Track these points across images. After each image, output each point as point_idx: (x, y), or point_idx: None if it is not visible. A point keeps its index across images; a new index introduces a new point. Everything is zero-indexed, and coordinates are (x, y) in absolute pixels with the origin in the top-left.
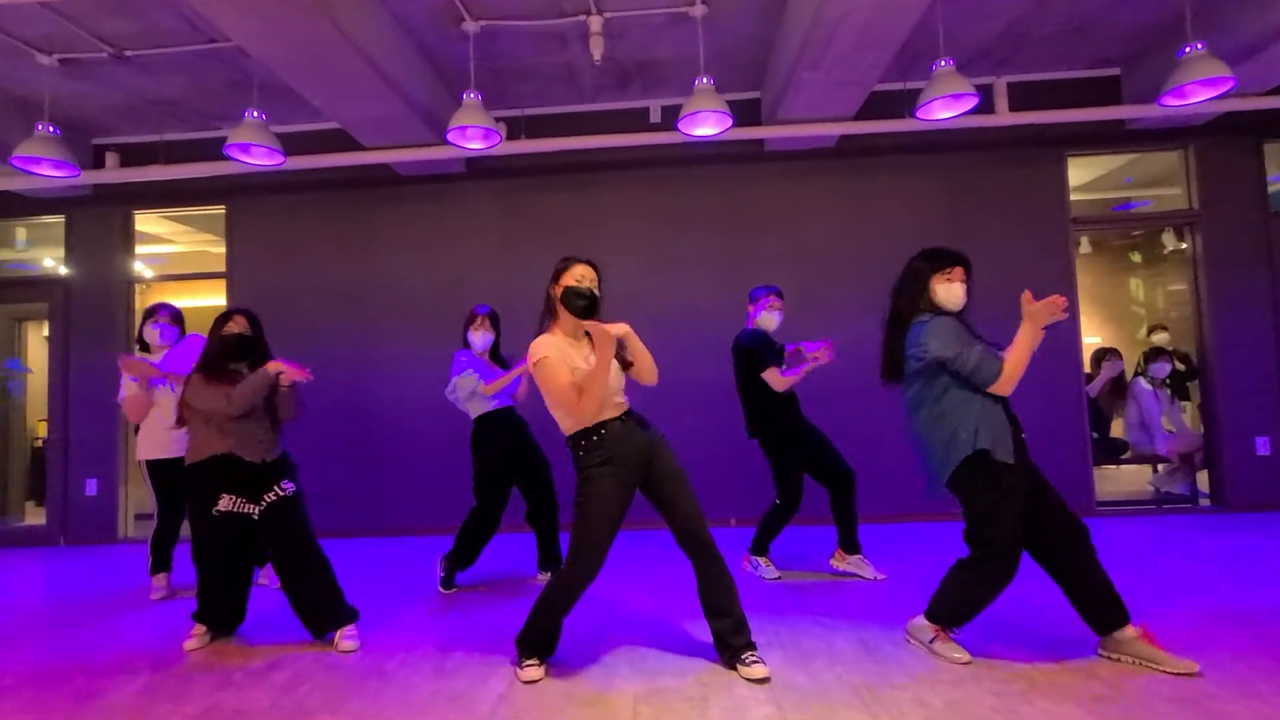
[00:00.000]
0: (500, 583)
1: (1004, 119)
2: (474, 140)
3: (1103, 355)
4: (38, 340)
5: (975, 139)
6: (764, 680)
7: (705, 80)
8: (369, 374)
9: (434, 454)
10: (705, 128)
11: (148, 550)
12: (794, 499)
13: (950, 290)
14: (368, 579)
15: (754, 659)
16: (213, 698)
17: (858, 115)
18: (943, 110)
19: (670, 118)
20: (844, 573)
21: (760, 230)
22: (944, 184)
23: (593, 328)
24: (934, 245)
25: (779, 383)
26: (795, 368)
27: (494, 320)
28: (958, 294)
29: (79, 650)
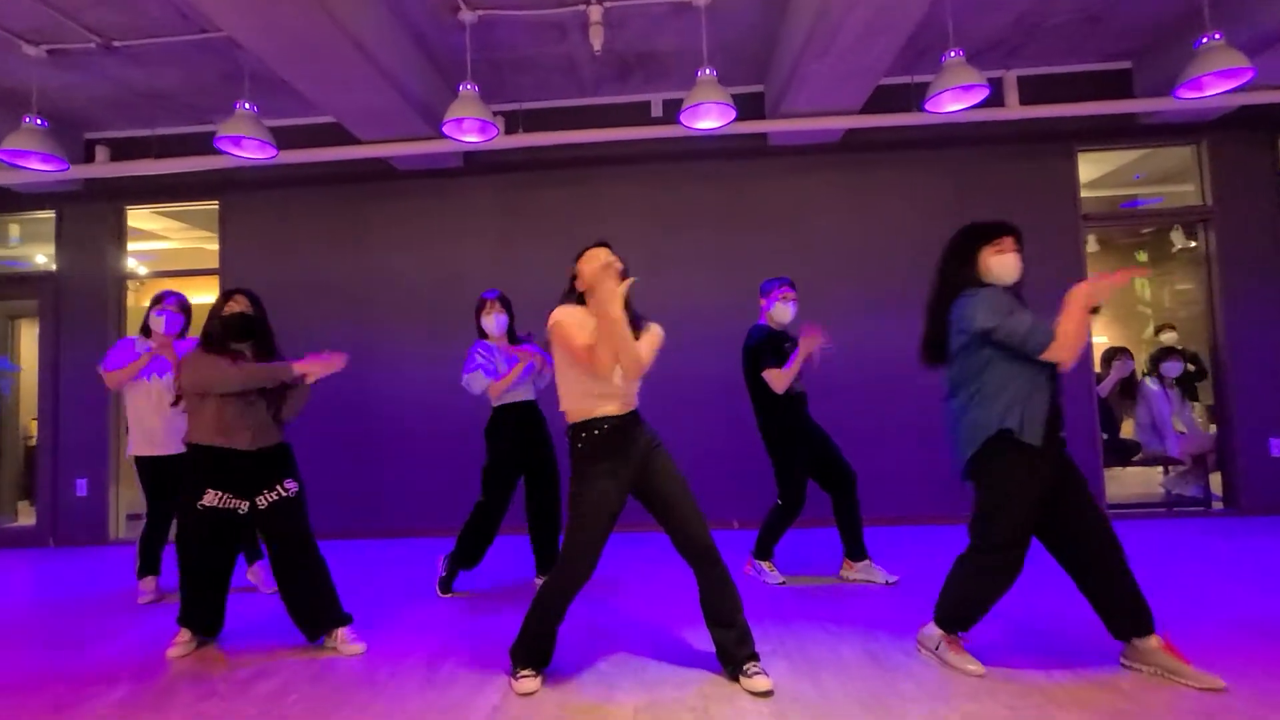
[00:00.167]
0: (497, 587)
1: (1014, 112)
2: (471, 133)
3: (1113, 355)
4: (32, 338)
5: (983, 134)
6: (768, 693)
7: (708, 71)
8: (365, 373)
9: (432, 454)
10: (708, 120)
11: (136, 552)
12: (797, 500)
13: (1003, 262)
14: (361, 582)
15: (757, 670)
16: (196, 708)
17: (863, 110)
18: (952, 102)
19: (672, 112)
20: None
21: (763, 227)
22: (951, 180)
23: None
24: (983, 220)
25: (777, 382)
26: (787, 362)
27: (505, 302)
28: (1011, 264)
29: (61, 656)
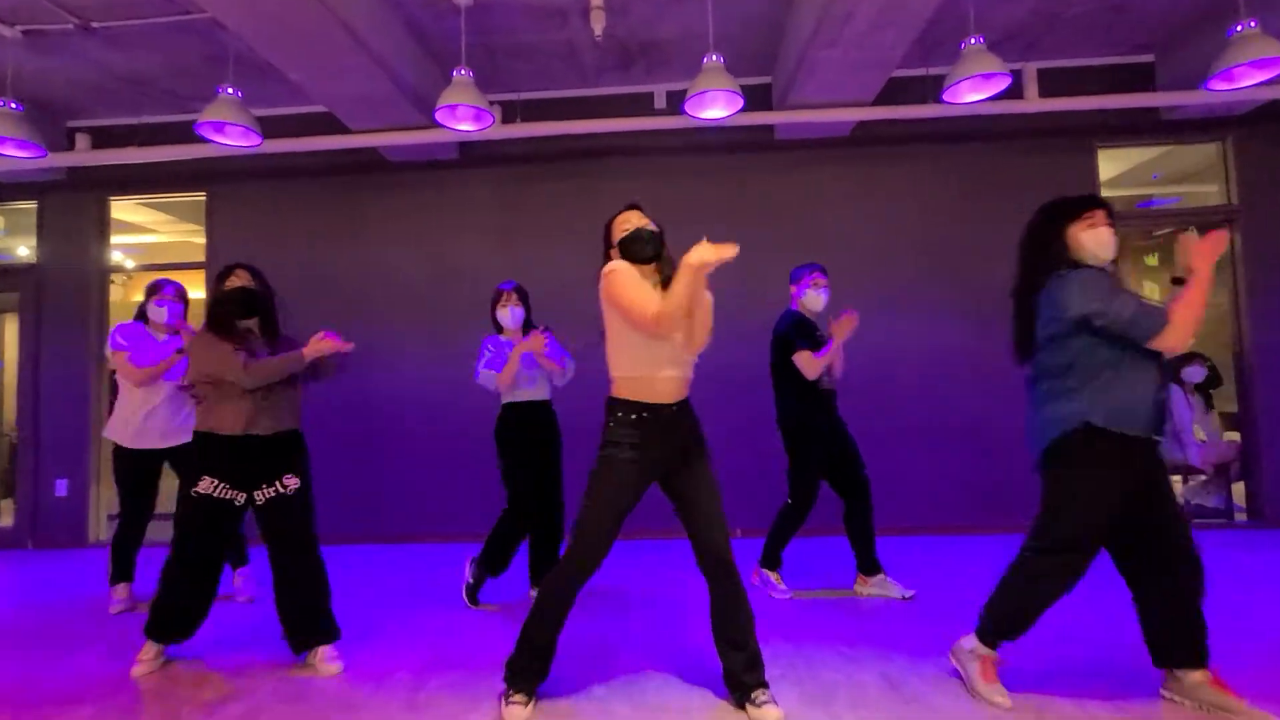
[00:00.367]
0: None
1: (1033, 105)
2: (465, 121)
3: None
4: (12, 332)
5: (1000, 128)
6: None
7: (715, 58)
8: (360, 372)
9: (431, 455)
10: (715, 109)
11: (109, 555)
12: (808, 500)
13: (1098, 236)
14: (351, 589)
15: (766, 699)
16: None
17: (874, 103)
18: (971, 92)
19: (675, 104)
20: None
21: (769, 223)
22: (966, 176)
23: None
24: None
25: (810, 367)
26: (823, 348)
27: (522, 294)
28: (1107, 239)
29: (25, 671)
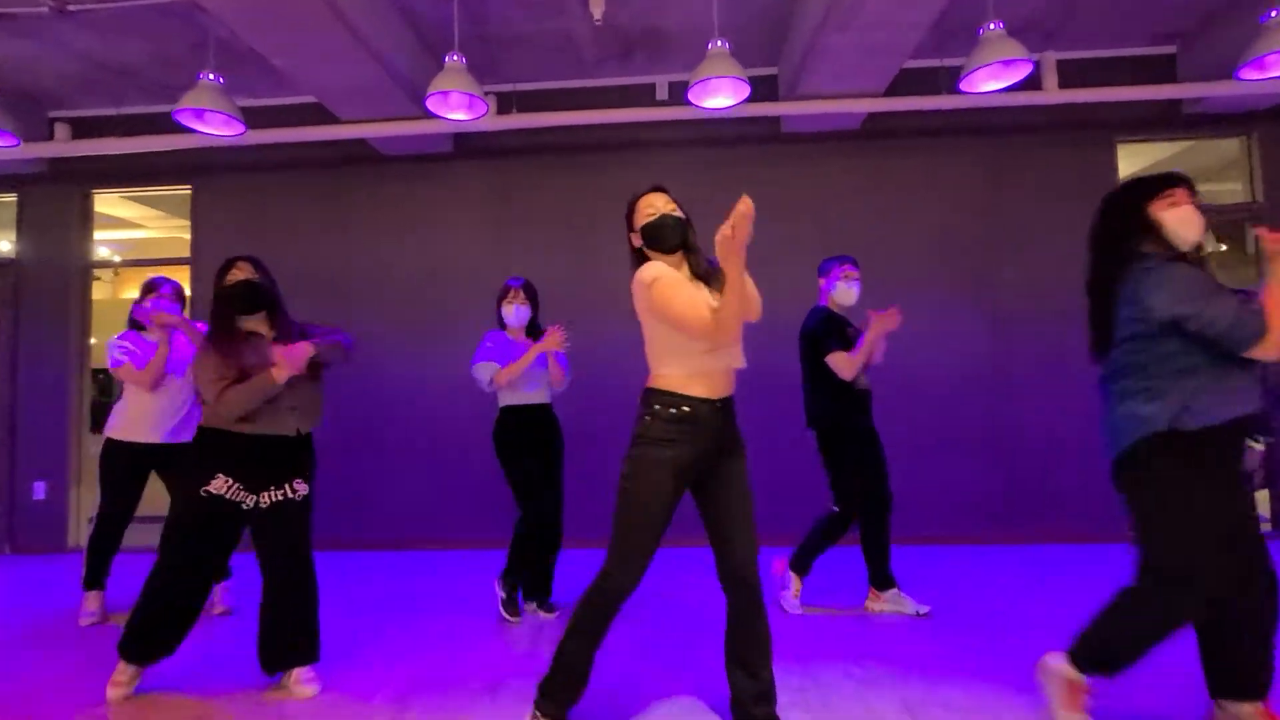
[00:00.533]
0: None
1: (1053, 96)
2: (458, 110)
3: None
4: None
5: (1017, 121)
6: None
7: (720, 44)
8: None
9: (422, 458)
10: (719, 98)
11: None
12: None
13: (1181, 215)
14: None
15: None
16: None
17: (886, 94)
18: (989, 81)
19: (678, 96)
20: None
21: (775, 219)
22: (981, 171)
23: (719, 248)
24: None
25: (846, 368)
26: (855, 345)
27: (530, 292)
28: (1193, 217)
29: None
